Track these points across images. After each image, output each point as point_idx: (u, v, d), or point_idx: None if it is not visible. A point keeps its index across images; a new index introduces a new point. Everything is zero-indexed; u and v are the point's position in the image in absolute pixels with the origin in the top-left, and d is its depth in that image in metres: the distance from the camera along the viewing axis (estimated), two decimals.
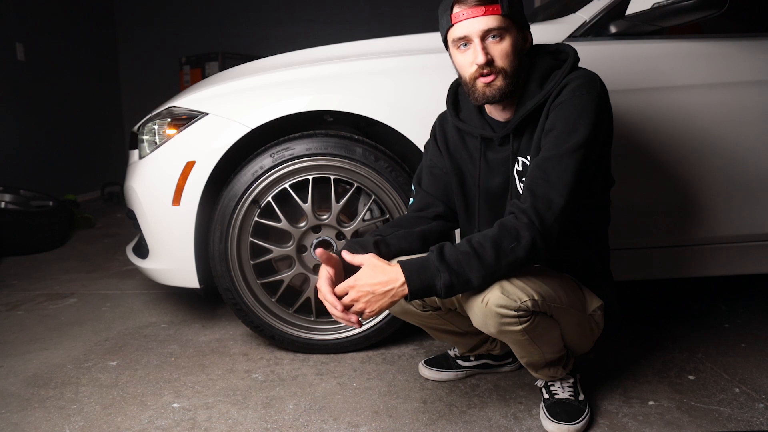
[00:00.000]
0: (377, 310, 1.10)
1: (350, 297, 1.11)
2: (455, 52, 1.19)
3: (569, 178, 1.09)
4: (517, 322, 1.12)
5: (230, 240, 1.64)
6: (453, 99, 1.34)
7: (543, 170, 1.11)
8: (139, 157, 1.77)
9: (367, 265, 1.11)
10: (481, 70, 1.14)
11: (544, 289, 1.14)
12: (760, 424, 1.27)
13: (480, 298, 1.11)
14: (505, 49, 1.14)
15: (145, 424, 1.32)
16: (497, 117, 1.26)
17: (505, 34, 1.14)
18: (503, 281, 1.10)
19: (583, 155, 1.10)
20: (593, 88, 1.14)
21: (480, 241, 1.07)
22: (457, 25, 1.15)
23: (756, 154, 1.63)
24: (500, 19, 1.12)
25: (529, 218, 1.07)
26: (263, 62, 1.82)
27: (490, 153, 1.27)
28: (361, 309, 1.11)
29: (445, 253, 1.07)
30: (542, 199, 1.08)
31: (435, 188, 1.36)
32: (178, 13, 5.96)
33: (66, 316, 2.10)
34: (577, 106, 1.12)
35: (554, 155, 1.11)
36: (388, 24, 5.63)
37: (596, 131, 1.12)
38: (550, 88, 1.17)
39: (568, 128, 1.11)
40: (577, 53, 1.21)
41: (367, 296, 1.09)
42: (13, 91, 4.27)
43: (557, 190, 1.09)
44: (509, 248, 1.06)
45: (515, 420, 1.31)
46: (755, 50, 1.62)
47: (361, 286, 1.09)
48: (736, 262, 1.71)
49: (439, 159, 1.36)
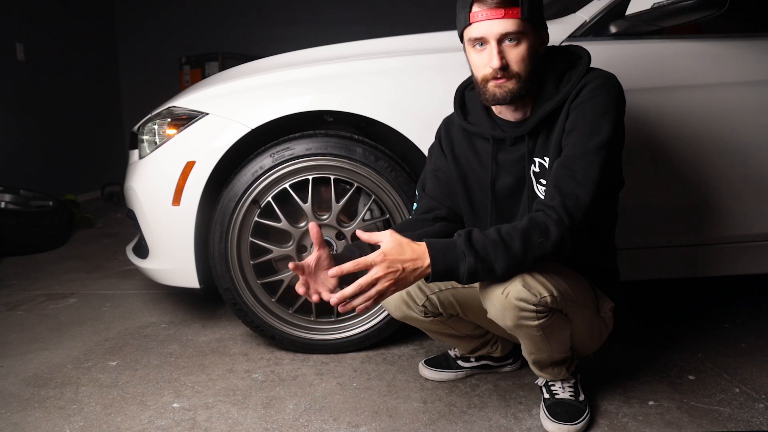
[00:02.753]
0: (393, 291, 1.03)
1: (374, 275, 1.00)
2: (470, 50, 1.18)
3: (596, 176, 1.09)
4: (534, 317, 1.12)
5: (230, 240, 1.64)
6: (460, 102, 1.33)
7: (569, 168, 1.11)
8: (139, 157, 1.77)
9: (392, 240, 1.03)
10: (495, 73, 1.14)
11: (563, 286, 1.14)
12: (760, 424, 1.27)
13: (500, 289, 1.11)
14: (521, 54, 1.13)
15: (145, 424, 1.32)
16: (508, 117, 1.25)
17: (522, 38, 1.13)
18: (525, 275, 1.10)
19: (608, 152, 1.11)
20: (613, 87, 1.15)
21: (509, 231, 1.06)
22: (474, 24, 1.14)
23: (756, 154, 1.63)
24: (519, 23, 1.11)
25: (558, 215, 1.07)
26: (263, 62, 1.82)
27: (501, 154, 1.26)
28: (382, 290, 1.01)
29: (473, 239, 1.06)
30: (571, 197, 1.08)
31: (439, 192, 1.35)
32: (178, 13, 5.96)
33: (66, 316, 2.10)
34: (600, 104, 1.13)
35: (580, 153, 1.11)
36: (388, 24, 5.62)
37: (618, 129, 1.14)
38: (568, 89, 1.17)
39: (592, 127, 1.12)
40: (590, 54, 1.21)
41: (396, 273, 1.01)
42: (13, 91, 4.27)
43: (584, 187, 1.09)
44: (538, 242, 1.06)
45: (515, 420, 1.31)
46: (755, 50, 1.62)
47: (392, 261, 1.01)
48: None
49: (443, 163, 1.35)
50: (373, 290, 1.02)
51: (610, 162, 1.12)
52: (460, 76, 1.44)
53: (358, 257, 1.06)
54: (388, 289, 1.03)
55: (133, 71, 6.05)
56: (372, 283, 1.01)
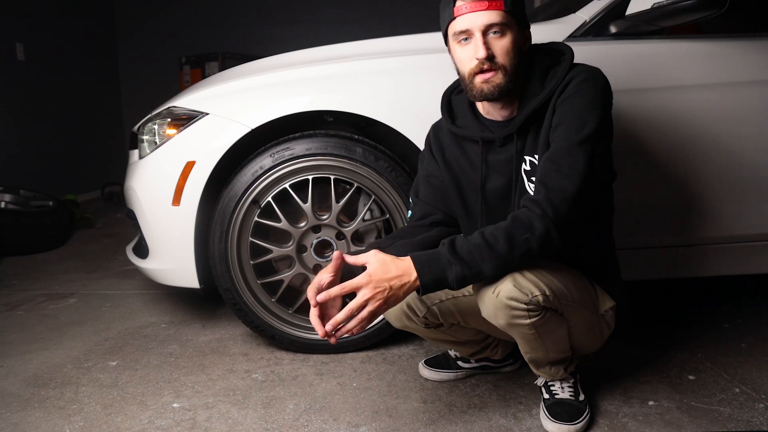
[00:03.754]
0: (385, 309, 1.05)
1: (363, 297, 1.02)
2: (455, 47, 1.18)
3: (581, 168, 1.09)
4: (526, 315, 1.11)
5: (230, 240, 1.64)
6: (447, 107, 1.33)
7: (554, 162, 1.11)
8: (139, 157, 1.77)
9: (376, 260, 1.05)
10: (481, 65, 1.14)
11: (557, 285, 1.13)
12: (760, 424, 1.27)
13: (492, 289, 1.11)
14: (506, 46, 1.14)
15: (145, 424, 1.32)
16: (495, 116, 1.25)
17: (506, 30, 1.14)
18: (516, 274, 1.09)
19: (594, 145, 1.11)
20: (599, 81, 1.16)
21: (492, 232, 1.07)
22: (459, 18, 1.14)
23: (755, 154, 1.63)
24: (503, 14, 1.13)
25: (542, 209, 1.06)
26: (263, 62, 1.82)
27: (491, 155, 1.26)
28: (373, 310, 1.03)
29: (457, 245, 1.06)
30: (555, 190, 1.08)
31: (432, 197, 1.34)
32: (178, 13, 5.96)
33: (66, 316, 2.10)
34: (585, 98, 1.13)
35: (565, 147, 1.11)
36: (388, 24, 5.62)
37: (605, 122, 1.13)
38: (553, 84, 1.17)
39: (578, 120, 1.12)
40: (573, 50, 1.22)
41: (384, 293, 1.03)
42: (13, 91, 4.28)
43: (570, 180, 1.08)
44: (522, 239, 1.05)
45: (515, 420, 1.31)
46: (755, 50, 1.62)
47: (378, 282, 1.02)
48: (743, 261, 1.71)
49: (435, 168, 1.35)
50: (365, 312, 1.03)
51: (597, 155, 1.12)
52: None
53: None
54: (380, 309, 1.04)
55: (133, 71, 6.05)
56: (362, 306, 1.03)
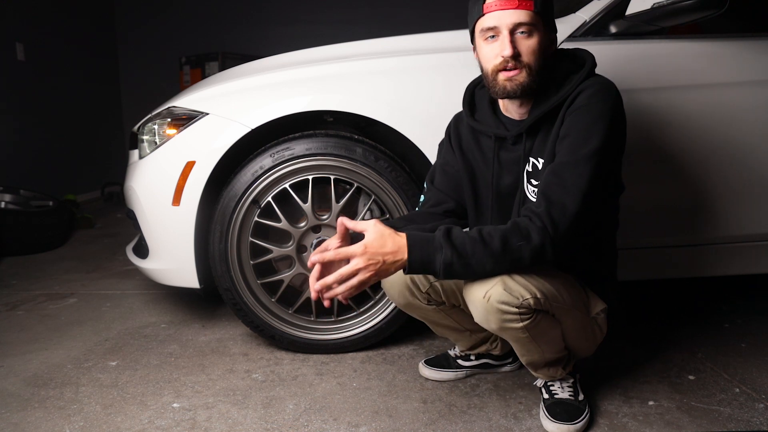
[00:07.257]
0: (374, 280, 1.06)
1: (355, 266, 1.04)
2: (481, 44, 1.19)
3: (584, 185, 1.09)
4: (518, 319, 1.12)
5: (230, 240, 1.64)
6: (469, 100, 1.34)
7: (558, 176, 1.11)
8: (139, 157, 1.77)
9: (375, 231, 1.06)
10: (505, 63, 1.14)
11: (547, 287, 1.14)
12: (760, 424, 1.27)
13: (482, 293, 1.11)
14: (533, 46, 1.14)
15: (145, 424, 1.32)
16: (513, 114, 1.26)
17: (534, 30, 1.14)
18: (506, 277, 1.10)
19: (598, 162, 1.11)
20: (609, 96, 1.15)
21: (490, 231, 1.08)
22: (488, 15, 1.15)
23: (755, 154, 1.63)
24: (531, 15, 1.13)
25: (543, 223, 1.07)
26: (263, 62, 1.82)
27: (503, 153, 1.27)
28: (363, 280, 1.05)
29: (452, 234, 1.08)
30: (557, 205, 1.08)
31: (447, 186, 1.36)
32: (178, 13, 5.96)
33: (66, 316, 2.10)
34: (593, 113, 1.13)
35: (570, 161, 1.11)
36: (388, 24, 5.62)
37: (611, 139, 1.13)
38: (566, 92, 1.17)
39: (584, 135, 1.12)
40: (595, 59, 1.21)
41: (376, 266, 1.05)
42: (13, 91, 4.27)
43: (572, 196, 1.09)
44: (516, 245, 1.06)
45: (515, 420, 1.31)
46: (755, 50, 1.62)
47: (372, 254, 1.04)
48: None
49: (451, 158, 1.37)
50: (355, 280, 1.05)
51: (602, 171, 1.12)
52: (461, 77, 1.44)
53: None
54: (370, 279, 1.06)
55: (133, 71, 6.04)
56: (353, 274, 1.05)
